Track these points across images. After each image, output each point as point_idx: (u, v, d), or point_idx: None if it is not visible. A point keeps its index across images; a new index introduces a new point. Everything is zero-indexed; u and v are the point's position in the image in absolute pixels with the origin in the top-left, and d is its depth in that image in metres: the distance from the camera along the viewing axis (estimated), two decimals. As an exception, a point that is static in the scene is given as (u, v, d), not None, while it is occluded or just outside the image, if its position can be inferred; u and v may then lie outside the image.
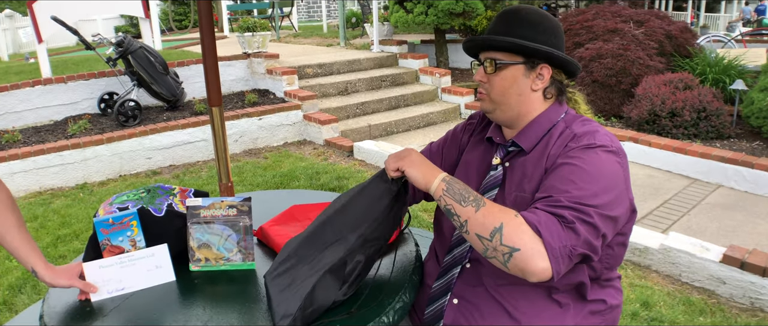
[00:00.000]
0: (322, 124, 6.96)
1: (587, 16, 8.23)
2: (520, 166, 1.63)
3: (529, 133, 1.65)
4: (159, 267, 1.72)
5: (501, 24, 1.66)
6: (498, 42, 1.62)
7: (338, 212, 1.63)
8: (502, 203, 1.58)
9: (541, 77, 1.64)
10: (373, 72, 8.98)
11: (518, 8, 1.67)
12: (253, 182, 5.53)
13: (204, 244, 1.76)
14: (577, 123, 1.62)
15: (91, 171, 5.89)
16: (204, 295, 1.66)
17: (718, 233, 4.46)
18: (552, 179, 1.48)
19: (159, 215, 1.79)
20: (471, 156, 1.81)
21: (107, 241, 1.71)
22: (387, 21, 10.55)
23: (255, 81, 8.35)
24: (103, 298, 1.65)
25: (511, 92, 1.64)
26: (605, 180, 1.46)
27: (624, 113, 6.90)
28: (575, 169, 1.46)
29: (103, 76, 7.26)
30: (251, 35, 8.26)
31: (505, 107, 1.66)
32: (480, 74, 1.68)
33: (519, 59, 1.62)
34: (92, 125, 6.64)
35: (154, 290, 1.69)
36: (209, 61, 1.91)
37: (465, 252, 1.68)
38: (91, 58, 8.62)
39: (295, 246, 1.60)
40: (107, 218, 1.70)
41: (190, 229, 1.76)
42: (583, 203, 1.40)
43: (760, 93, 6.08)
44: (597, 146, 1.51)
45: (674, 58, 7.73)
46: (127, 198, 1.85)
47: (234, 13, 17.75)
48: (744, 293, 3.47)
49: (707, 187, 5.46)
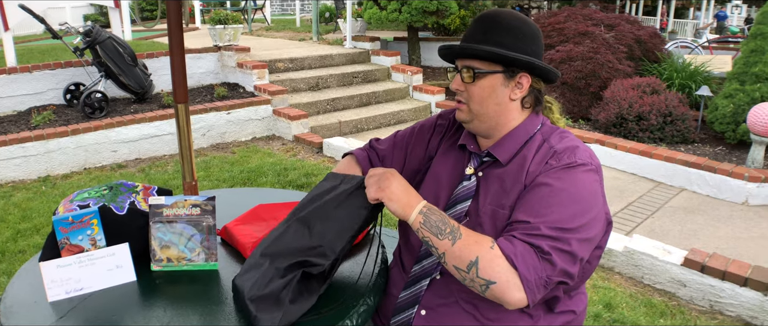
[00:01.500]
0: (291, 119, 6.92)
1: (559, 18, 8.31)
2: (497, 178, 1.59)
3: (506, 144, 1.61)
4: (119, 266, 1.69)
5: (479, 30, 1.60)
6: (476, 50, 1.56)
7: (315, 218, 1.60)
8: (476, 214, 1.57)
9: (520, 86, 1.59)
10: (345, 68, 8.96)
11: (497, 13, 1.61)
12: (220, 177, 5.47)
13: (166, 244, 1.74)
14: (555, 137, 1.59)
15: (54, 164, 5.77)
16: (165, 296, 1.63)
17: (680, 236, 4.54)
18: (531, 199, 1.46)
19: (121, 214, 1.76)
20: (442, 164, 1.75)
21: (66, 240, 1.67)
22: (360, 17, 10.52)
23: (225, 74, 8.26)
24: (61, 298, 1.62)
25: (490, 101, 1.58)
26: (584, 202, 1.45)
27: (592, 116, 6.99)
28: (554, 191, 1.44)
29: (70, 66, 7.12)
30: (223, 28, 8.18)
31: (483, 117, 1.60)
32: (457, 83, 1.61)
33: (498, 68, 1.56)
34: (57, 117, 6.51)
35: (113, 290, 1.66)
36: (176, 57, 1.88)
37: (435, 263, 1.64)
38: (58, 47, 8.45)
39: (269, 245, 1.58)
40: (67, 217, 1.66)
41: (153, 228, 1.73)
42: (560, 229, 1.39)
43: (724, 99, 6.21)
44: (577, 165, 1.49)
45: (643, 62, 7.85)
46: (88, 196, 1.81)
47: (207, 5, 17.55)
48: (704, 295, 3.54)
49: (671, 190, 5.56)
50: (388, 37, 11.25)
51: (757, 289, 3.35)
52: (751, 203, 5.19)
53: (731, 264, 3.51)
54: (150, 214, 1.73)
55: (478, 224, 1.56)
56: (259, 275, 1.52)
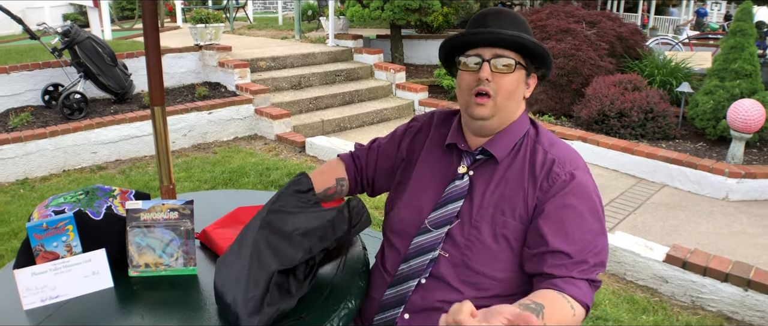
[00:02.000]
0: (273, 119, 6.88)
1: (541, 15, 8.32)
2: (491, 179, 1.58)
3: (501, 141, 1.59)
4: (96, 272, 1.66)
5: (506, 22, 1.54)
6: (527, 40, 1.50)
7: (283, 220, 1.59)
8: (470, 216, 1.56)
9: (528, 86, 1.61)
10: (327, 66, 8.92)
11: (502, 9, 1.60)
12: (202, 178, 5.43)
13: (144, 249, 1.71)
14: (545, 140, 1.60)
15: (32, 166, 5.69)
16: (143, 302, 1.61)
17: (662, 232, 4.57)
18: (562, 226, 1.48)
19: (97, 219, 1.73)
20: (428, 164, 1.72)
21: (40, 247, 1.64)
22: (343, 15, 10.48)
23: (206, 74, 8.20)
24: (36, 306, 1.59)
25: (514, 97, 1.56)
26: (599, 210, 1.53)
27: (574, 113, 7.01)
28: (579, 213, 1.49)
29: (48, 67, 7.02)
30: (204, 27, 8.11)
31: (503, 113, 1.57)
32: (486, 72, 1.51)
33: (525, 63, 1.55)
34: (35, 118, 6.42)
35: (90, 297, 1.63)
36: (152, 59, 1.85)
37: (424, 265, 1.60)
38: (37, 47, 8.33)
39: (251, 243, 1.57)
40: (41, 223, 1.63)
41: (130, 233, 1.70)
42: (599, 253, 1.48)
43: (705, 96, 6.26)
44: (579, 171, 1.53)
45: (624, 59, 7.89)
46: (63, 201, 1.78)
47: (188, 3, 17.41)
48: (685, 291, 3.57)
49: (653, 186, 5.60)
50: (370, 35, 11.22)
51: (738, 285, 3.38)
52: (731, 198, 5.24)
53: (712, 259, 3.54)
54: (127, 219, 1.70)
55: (475, 227, 1.55)
56: (237, 273, 1.50)
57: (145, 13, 1.77)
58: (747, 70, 6.06)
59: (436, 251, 1.58)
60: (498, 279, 1.54)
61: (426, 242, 1.61)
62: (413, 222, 1.65)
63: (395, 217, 1.72)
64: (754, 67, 6.09)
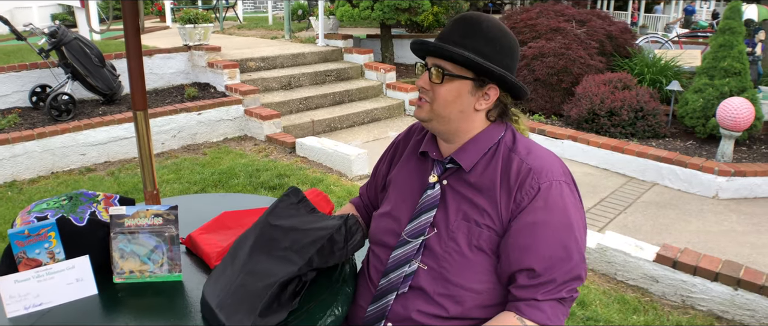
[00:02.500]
0: (263, 119, 6.84)
1: (531, 14, 8.33)
2: (464, 188, 1.56)
3: (469, 150, 1.57)
4: (80, 279, 1.64)
5: (458, 32, 1.54)
6: (451, 52, 1.49)
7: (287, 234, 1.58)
8: (446, 228, 1.54)
9: (487, 97, 1.55)
10: (317, 66, 8.89)
11: (479, 18, 1.55)
12: (191, 179, 5.39)
13: (128, 255, 1.69)
14: (522, 148, 1.56)
15: (20, 168, 5.64)
16: (128, 309, 1.59)
17: (652, 231, 4.58)
18: (531, 241, 1.45)
19: (80, 225, 1.70)
20: (403, 172, 1.72)
21: (23, 254, 1.61)
22: (333, 14, 10.46)
23: (196, 74, 8.15)
24: (20, 314, 1.56)
25: (454, 106, 1.54)
26: (575, 226, 1.48)
27: (564, 112, 7.02)
28: (550, 227, 1.45)
29: (36, 68, 6.96)
30: (193, 27, 8.07)
31: (442, 120, 1.56)
32: (424, 80, 1.56)
33: (469, 74, 1.51)
34: (22, 120, 6.37)
35: (74, 304, 1.61)
36: (133, 62, 1.82)
37: (402, 277, 1.58)
38: (24, 48, 8.27)
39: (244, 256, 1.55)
40: (23, 230, 1.60)
41: (114, 239, 1.67)
42: (574, 271, 1.46)
43: (694, 94, 6.27)
44: (554, 183, 1.49)
45: (614, 57, 7.91)
46: (46, 206, 1.76)
47: (177, 3, 17.33)
48: (676, 291, 3.57)
49: (643, 185, 5.60)
50: (361, 34, 11.20)
51: (728, 284, 3.38)
52: (721, 196, 5.25)
53: (702, 259, 3.54)
54: (111, 225, 1.68)
55: (451, 238, 1.53)
56: (228, 282, 1.48)
57: (125, 16, 1.74)
58: (736, 68, 6.07)
59: (414, 263, 1.57)
60: (476, 290, 1.52)
61: (403, 255, 1.59)
62: (393, 232, 1.64)
63: (377, 227, 1.71)
64: (743, 65, 6.11)
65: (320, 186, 5.25)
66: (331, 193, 5.06)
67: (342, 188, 5.21)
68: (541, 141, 6.55)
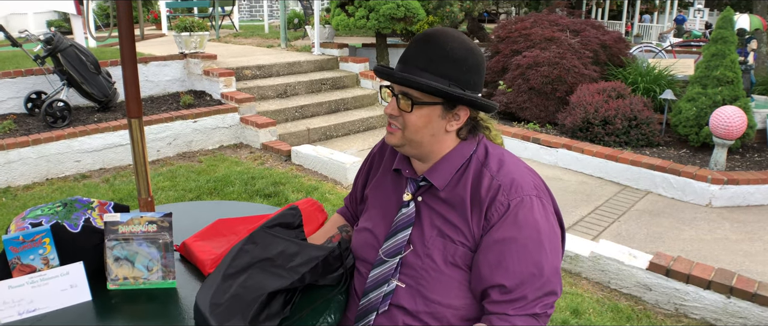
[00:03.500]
0: (259, 127, 6.85)
1: (526, 24, 8.38)
2: (438, 205, 1.56)
3: (441, 169, 1.57)
4: (74, 286, 1.65)
5: (423, 56, 1.50)
6: (418, 84, 1.46)
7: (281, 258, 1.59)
8: (423, 244, 1.54)
9: (457, 118, 1.54)
10: (313, 75, 8.91)
11: (444, 38, 1.51)
12: (186, 187, 5.39)
13: (122, 262, 1.69)
14: (493, 161, 1.55)
15: (15, 175, 5.63)
16: (122, 315, 1.60)
17: (646, 239, 4.59)
18: (501, 258, 1.45)
19: (74, 231, 1.72)
20: (378, 190, 1.72)
21: (17, 260, 1.62)
22: (328, 24, 10.49)
23: (191, 82, 8.16)
24: (13, 320, 1.57)
25: (425, 131, 1.52)
26: (547, 243, 1.46)
27: (559, 121, 7.05)
28: (520, 244, 1.44)
29: (31, 75, 6.96)
30: (188, 35, 8.08)
31: (415, 144, 1.55)
32: (392, 107, 1.53)
33: (438, 100, 1.49)
34: (18, 126, 6.36)
35: (68, 310, 1.62)
36: (128, 70, 1.83)
37: (381, 297, 1.58)
38: (19, 54, 8.27)
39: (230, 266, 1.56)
40: (17, 236, 1.61)
41: (108, 246, 1.68)
42: (546, 287, 1.44)
43: (687, 103, 6.31)
44: (524, 198, 1.47)
45: (608, 67, 7.95)
46: (41, 213, 1.77)
47: (173, 11, 17.33)
48: (669, 299, 3.58)
49: (637, 193, 5.63)
50: (356, 43, 11.24)
51: (720, 292, 3.40)
52: (714, 204, 5.28)
53: (695, 267, 3.56)
54: (105, 231, 1.68)
55: (427, 255, 1.53)
56: (221, 291, 1.49)
57: (120, 24, 1.76)
58: (728, 77, 6.11)
59: (392, 282, 1.57)
60: (454, 306, 1.52)
61: (381, 275, 1.59)
62: (372, 247, 1.64)
63: (357, 242, 1.72)
64: (736, 74, 6.15)
65: (315, 194, 5.25)
66: (326, 201, 5.07)
67: (337, 196, 5.22)
68: (536, 150, 6.57)
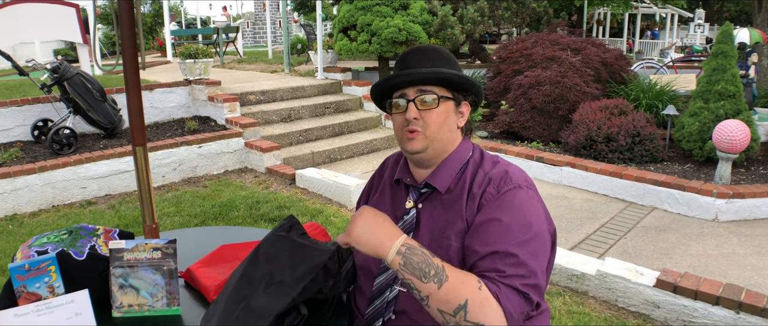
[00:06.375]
0: (263, 151, 6.88)
1: (527, 44, 8.42)
2: (437, 208, 1.59)
3: (442, 172, 1.62)
4: (79, 314, 1.64)
5: (424, 60, 1.60)
6: (448, 75, 1.56)
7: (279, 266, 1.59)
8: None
9: (462, 115, 1.64)
10: (317, 99, 8.97)
11: (432, 47, 1.64)
12: (191, 212, 5.41)
13: (127, 289, 1.70)
14: (487, 162, 1.62)
15: (21, 202, 5.66)
16: (127, 342, 1.60)
17: (653, 256, 4.57)
18: (484, 234, 1.46)
19: (80, 259, 1.72)
20: (380, 202, 1.75)
21: (23, 288, 1.63)
22: (331, 48, 10.58)
23: (196, 108, 8.22)
24: (18, 347, 1.57)
25: (445, 128, 1.59)
26: (533, 227, 1.46)
27: (562, 139, 7.06)
28: (504, 225, 1.45)
29: (38, 103, 7.02)
30: (193, 62, 8.15)
31: (437, 144, 1.59)
32: (412, 112, 1.56)
33: (450, 94, 1.59)
34: (24, 153, 6.40)
35: (73, 338, 1.61)
36: (133, 100, 1.86)
37: (385, 304, 1.61)
38: (26, 83, 8.35)
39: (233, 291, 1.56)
40: (23, 264, 1.62)
41: (113, 273, 1.69)
42: (528, 268, 1.41)
43: (690, 118, 6.31)
44: (514, 188, 1.51)
45: (610, 84, 7.97)
46: (47, 241, 1.78)
47: (178, 38, 17.49)
48: (677, 316, 3.56)
49: (642, 210, 5.61)
50: (359, 67, 11.30)
51: (729, 307, 3.38)
52: (720, 219, 5.26)
53: (703, 283, 3.54)
54: (110, 259, 1.69)
55: None
56: (226, 317, 1.49)
57: (125, 53, 1.78)
58: (730, 91, 6.13)
59: (395, 288, 1.59)
60: None
61: (384, 282, 1.62)
62: (374, 260, 1.65)
63: (358, 254, 1.72)
64: (737, 88, 6.16)
65: (320, 218, 5.26)
66: (330, 224, 5.07)
67: (341, 219, 5.22)
68: (540, 169, 6.57)
